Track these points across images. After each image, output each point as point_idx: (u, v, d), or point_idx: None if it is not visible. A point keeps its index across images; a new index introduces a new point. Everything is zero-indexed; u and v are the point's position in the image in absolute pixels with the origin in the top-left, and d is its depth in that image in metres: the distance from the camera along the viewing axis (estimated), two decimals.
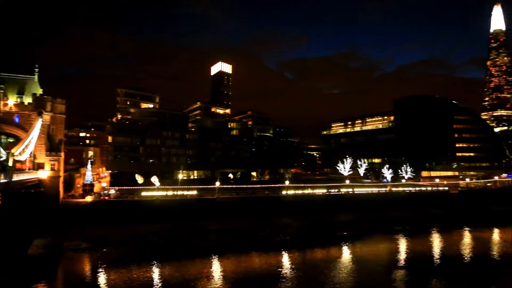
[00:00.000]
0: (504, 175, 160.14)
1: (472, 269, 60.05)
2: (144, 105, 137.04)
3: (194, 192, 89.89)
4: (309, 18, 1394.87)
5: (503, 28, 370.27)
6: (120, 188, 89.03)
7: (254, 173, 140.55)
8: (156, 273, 51.81)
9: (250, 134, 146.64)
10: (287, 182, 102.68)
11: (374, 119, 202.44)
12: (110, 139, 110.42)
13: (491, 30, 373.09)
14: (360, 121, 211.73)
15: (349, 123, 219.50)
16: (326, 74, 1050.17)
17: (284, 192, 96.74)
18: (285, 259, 61.48)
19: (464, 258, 66.02)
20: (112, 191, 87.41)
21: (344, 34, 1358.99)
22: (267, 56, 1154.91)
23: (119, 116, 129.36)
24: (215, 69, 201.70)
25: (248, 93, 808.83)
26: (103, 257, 57.55)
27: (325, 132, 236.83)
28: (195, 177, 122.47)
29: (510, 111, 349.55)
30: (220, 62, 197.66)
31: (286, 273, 53.72)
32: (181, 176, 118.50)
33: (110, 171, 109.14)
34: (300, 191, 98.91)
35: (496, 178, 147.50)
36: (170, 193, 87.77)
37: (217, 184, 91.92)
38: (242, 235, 73.77)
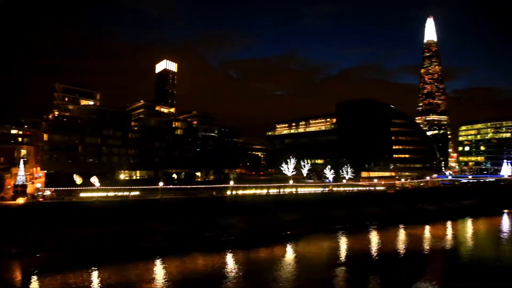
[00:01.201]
0: (435, 175, 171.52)
1: (406, 263, 63.84)
2: (84, 102, 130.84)
3: (137, 193, 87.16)
4: (254, 20, 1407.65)
5: (435, 39, 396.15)
6: (57, 189, 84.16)
7: (198, 174, 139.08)
8: (95, 278, 49.65)
9: (194, 134, 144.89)
10: (231, 182, 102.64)
11: (317, 121, 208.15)
12: (45, 137, 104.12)
13: (425, 40, 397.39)
14: (304, 122, 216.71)
15: (293, 124, 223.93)
16: (270, 76, 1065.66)
17: (229, 192, 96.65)
18: (230, 260, 61.50)
19: (398, 253, 70.29)
20: (48, 192, 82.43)
21: (288, 36, 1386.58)
22: (212, 56, 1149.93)
23: (56, 113, 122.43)
24: (160, 67, 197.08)
25: (193, 92, 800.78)
26: (36, 263, 54.14)
27: (269, 133, 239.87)
28: (138, 178, 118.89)
29: (441, 116, 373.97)
30: (165, 60, 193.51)
31: (230, 273, 53.76)
32: (123, 176, 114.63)
33: (45, 171, 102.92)
34: (245, 191, 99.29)
35: (428, 178, 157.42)
36: (111, 193, 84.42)
37: (161, 184, 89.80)
38: (186, 236, 72.67)
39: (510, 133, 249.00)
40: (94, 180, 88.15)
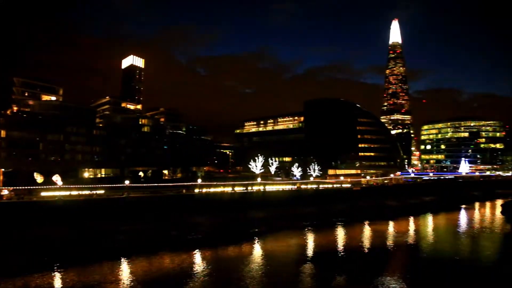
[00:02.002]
0: (398, 173, 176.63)
1: (371, 258, 65.39)
2: (45, 98, 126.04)
3: (102, 191, 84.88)
4: (222, 16, 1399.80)
5: (400, 41, 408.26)
6: (15, 188, 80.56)
7: (166, 171, 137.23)
8: (57, 281, 48.03)
9: (162, 131, 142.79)
10: (199, 180, 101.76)
11: (285, 119, 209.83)
12: (3, 133, 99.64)
13: (390, 42, 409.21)
14: (272, 121, 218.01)
15: (262, 122, 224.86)
16: (238, 73, 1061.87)
17: (197, 190, 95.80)
18: (198, 258, 61.07)
19: (364, 249, 72.10)
20: (5, 192, 78.79)
21: (256, 34, 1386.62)
22: (180, 52, 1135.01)
23: (15, 109, 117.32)
24: (126, 62, 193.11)
25: (161, 89, 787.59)
26: None
27: (238, 131, 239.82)
28: (103, 176, 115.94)
29: (405, 116, 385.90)
30: (132, 56, 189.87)
31: (198, 271, 53.41)
32: (87, 174, 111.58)
33: (3, 170, 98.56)
34: (212, 189, 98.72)
35: (392, 176, 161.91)
36: (74, 192, 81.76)
37: (127, 182, 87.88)
38: (153, 235, 71.47)
39: (468, 133, 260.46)
40: (57, 178, 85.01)
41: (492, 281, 53.72)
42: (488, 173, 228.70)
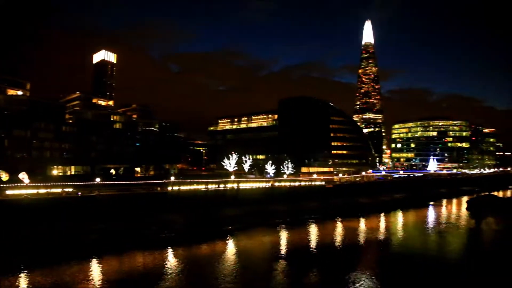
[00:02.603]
0: (370, 171, 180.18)
1: (343, 255, 66.48)
2: (11, 92, 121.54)
3: (71, 189, 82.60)
4: (196, 12, 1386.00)
5: (372, 41, 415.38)
6: None
7: (138, 169, 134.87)
8: (23, 283, 46.44)
9: (134, 128, 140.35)
10: (172, 178, 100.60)
11: (259, 117, 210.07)
12: None
13: (363, 42, 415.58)
14: (246, 118, 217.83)
15: (236, 120, 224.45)
16: (213, 70, 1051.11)
17: (169, 188, 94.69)
18: (171, 256, 60.52)
19: (336, 245, 73.15)
20: None
21: (230, 31, 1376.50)
22: (153, 48, 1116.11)
23: None
24: (97, 57, 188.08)
25: (133, 85, 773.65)
26: None
27: (212, 128, 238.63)
28: (73, 173, 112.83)
29: (376, 115, 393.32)
30: (103, 50, 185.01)
31: (171, 270, 52.90)
32: (56, 172, 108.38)
33: None
34: (186, 187, 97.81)
35: (363, 173, 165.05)
36: (42, 190, 79.10)
37: (98, 180, 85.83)
38: (125, 233, 70.01)
39: (437, 132, 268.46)
40: (23, 176, 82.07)
41: (458, 274, 55.68)
42: (455, 171, 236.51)
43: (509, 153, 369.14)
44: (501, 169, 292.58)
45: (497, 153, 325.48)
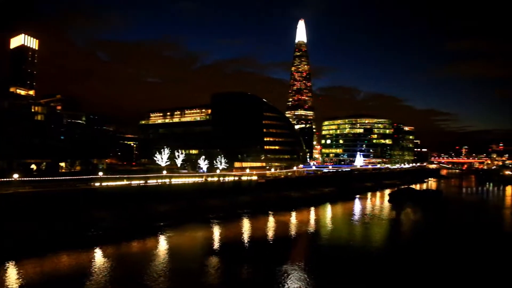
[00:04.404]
0: (301, 166, 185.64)
1: (275, 248, 67.70)
2: None
3: None
4: (129, 1, 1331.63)
5: (305, 40, 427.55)
6: None
7: (63, 164, 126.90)
8: None
9: (58, 120, 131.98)
10: (100, 173, 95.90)
11: (192, 111, 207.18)
12: None
13: (296, 41, 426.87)
14: (179, 112, 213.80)
15: (168, 114, 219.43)
16: (143, 60, 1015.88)
17: (97, 184, 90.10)
18: (98, 256, 57.66)
19: (268, 239, 74.30)
20: None
21: (162, 21, 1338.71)
22: (79, 35, 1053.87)
23: None
24: (15, 42, 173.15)
25: (58, 74, 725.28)
26: None
27: (143, 122, 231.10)
28: None
29: (308, 112, 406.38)
30: (22, 35, 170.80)
31: (98, 270, 50.39)
32: None
33: None
34: (115, 183, 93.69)
35: (295, 168, 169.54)
36: None
37: (16, 176, 79.11)
38: (47, 233, 65.21)
39: (363, 129, 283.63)
40: None
41: (381, 261, 59.49)
42: (379, 166, 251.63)
43: (425, 150, 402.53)
44: (418, 164, 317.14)
45: (415, 149, 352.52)
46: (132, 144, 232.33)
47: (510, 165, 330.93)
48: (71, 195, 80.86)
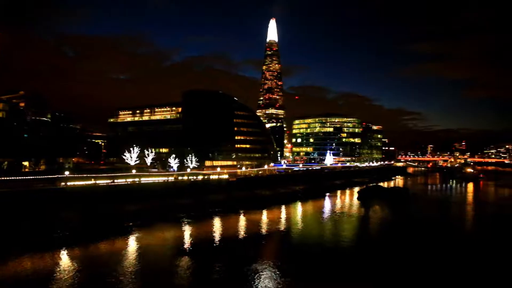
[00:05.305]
0: (272, 164, 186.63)
1: (246, 247, 67.75)
2: None
3: None
4: None
5: (276, 39, 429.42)
6: None
7: (26, 163, 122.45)
8: None
9: (21, 118, 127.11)
10: (67, 173, 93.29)
11: (162, 109, 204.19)
12: None
13: (267, 40, 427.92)
14: (149, 110, 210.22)
15: (138, 111, 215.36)
16: (112, 57, 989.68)
17: (64, 184, 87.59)
18: (65, 258, 56.02)
19: (239, 237, 74.51)
20: None
21: (131, 16, 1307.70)
22: (43, 28, 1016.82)
23: None
24: None
25: (21, 69, 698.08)
26: None
27: (112, 120, 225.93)
28: None
29: (279, 110, 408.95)
30: None
31: (65, 273, 49.03)
32: None
33: None
34: (82, 182, 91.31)
35: (266, 167, 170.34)
36: None
37: None
38: (10, 235, 62.91)
39: (333, 128, 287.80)
40: None
41: (350, 257, 60.79)
42: (348, 164, 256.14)
43: (393, 148, 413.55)
44: (386, 162, 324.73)
45: (383, 148, 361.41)
46: (100, 143, 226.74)
47: (472, 163, 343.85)
48: (35, 195, 78.26)
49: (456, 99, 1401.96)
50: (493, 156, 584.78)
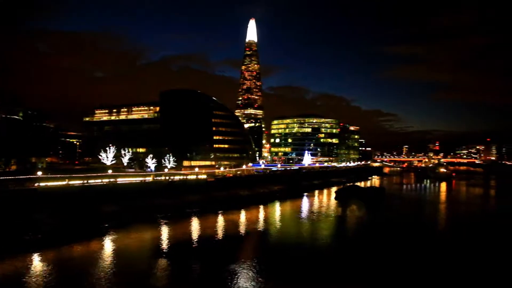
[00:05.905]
0: (250, 164, 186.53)
1: (225, 247, 67.34)
2: None
3: None
4: None
5: (256, 39, 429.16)
6: None
7: None
8: None
9: None
10: (40, 173, 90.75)
11: (140, 108, 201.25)
12: None
13: (247, 40, 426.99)
14: (126, 109, 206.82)
15: (114, 110, 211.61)
16: (86, 53, 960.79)
17: (36, 184, 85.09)
18: (36, 261, 54.27)
19: (217, 238, 74.01)
20: None
21: (106, 12, 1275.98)
22: (16, 22, 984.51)
23: None
24: None
25: None
26: None
27: (87, 119, 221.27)
28: None
29: (257, 111, 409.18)
30: None
31: (36, 277, 47.48)
32: None
33: None
34: (56, 183, 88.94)
35: (244, 167, 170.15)
36: None
37: None
38: None
39: (311, 129, 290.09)
40: None
41: (327, 256, 61.47)
42: (326, 164, 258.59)
43: (370, 149, 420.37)
44: (363, 162, 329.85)
45: (360, 148, 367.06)
46: (75, 142, 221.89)
47: (445, 163, 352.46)
48: (5, 196, 75.57)
49: (430, 101, 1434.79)
50: (464, 156, 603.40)
